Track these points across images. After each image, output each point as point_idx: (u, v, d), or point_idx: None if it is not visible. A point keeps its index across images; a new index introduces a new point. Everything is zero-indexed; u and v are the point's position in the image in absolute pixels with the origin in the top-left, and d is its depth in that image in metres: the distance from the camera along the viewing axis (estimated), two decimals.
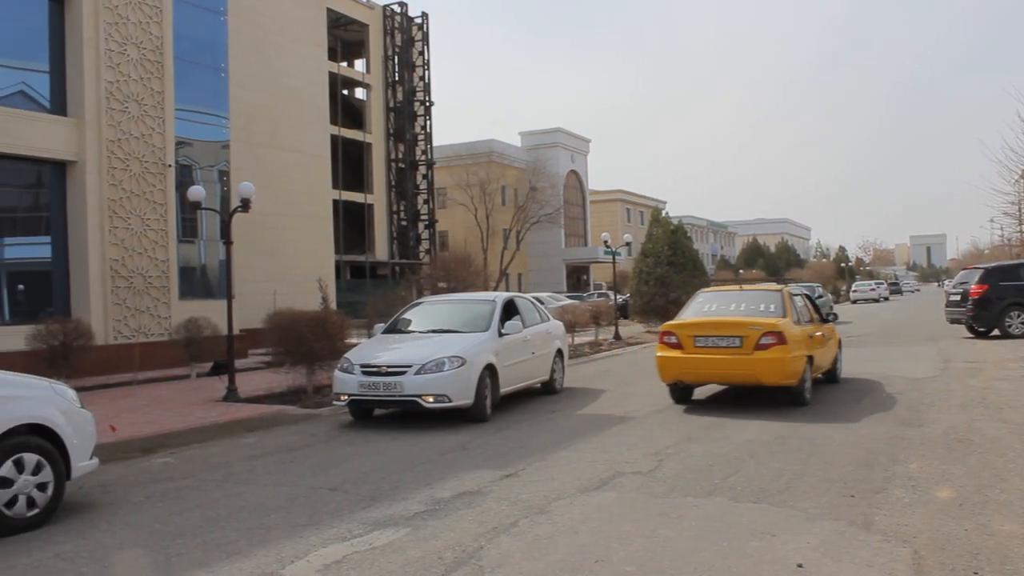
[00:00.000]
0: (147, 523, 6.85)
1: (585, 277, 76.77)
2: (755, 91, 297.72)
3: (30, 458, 6.75)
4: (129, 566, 5.73)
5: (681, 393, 12.74)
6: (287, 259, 29.36)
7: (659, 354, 12.39)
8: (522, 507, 6.84)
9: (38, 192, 19.69)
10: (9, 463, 6.60)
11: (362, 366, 11.61)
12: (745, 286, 14.50)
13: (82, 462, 7.27)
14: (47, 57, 19.40)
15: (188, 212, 21.51)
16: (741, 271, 76.49)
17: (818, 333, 13.11)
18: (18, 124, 18.26)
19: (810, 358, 12.23)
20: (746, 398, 12.89)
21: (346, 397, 11.70)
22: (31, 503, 6.74)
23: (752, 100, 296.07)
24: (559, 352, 14.90)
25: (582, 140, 77.70)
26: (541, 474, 8.07)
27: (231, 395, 14.69)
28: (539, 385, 14.35)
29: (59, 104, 19.45)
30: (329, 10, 38.12)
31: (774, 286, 14.43)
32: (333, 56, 44.69)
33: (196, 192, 15.74)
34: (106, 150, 19.60)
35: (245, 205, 15.12)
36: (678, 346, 12.14)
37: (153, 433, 11.40)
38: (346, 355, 12.36)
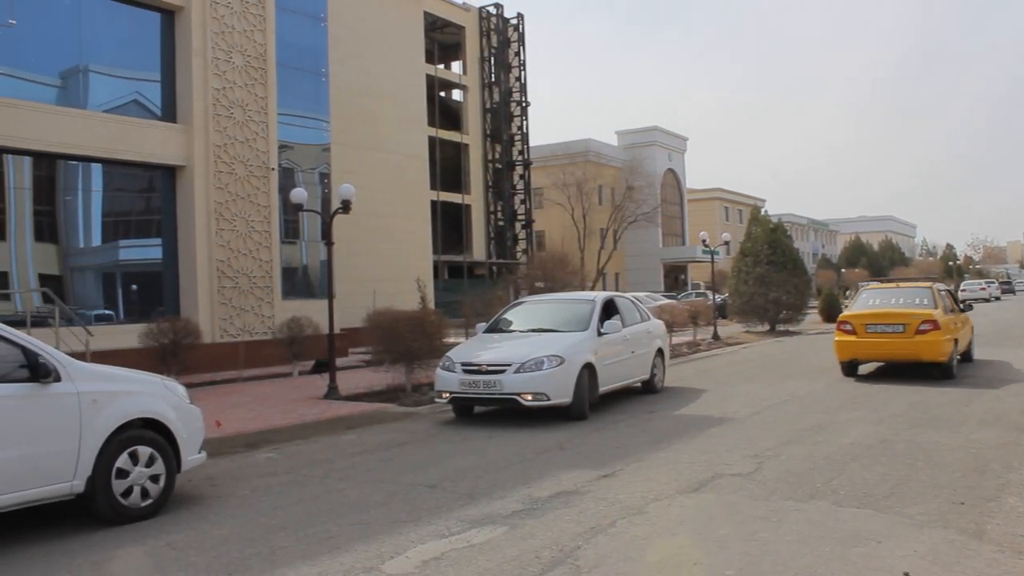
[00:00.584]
0: (252, 516, 7.04)
1: (683, 277, 75.96)
2: (855, 86, 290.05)
3: (144, 451, 7.02)
4: (235, 557, 5.89)
5: (850, 368, 15.70)
6: (386, 259, 29.77)
7: (837, 339, 15.55)
8: (620, 507, 6.80)
9: (150, 196, 20.49)
10: (125, 455, 6.88)
11: (463, 364, 11.84)
12: (901, 283, 18.23)
13: (191, 456, 7.52)
14: (159, 67, 20.21)
15: (290, 214, 22.03)
16: (843, 270, 74.61)
17: (959, 321, 16.30)
18: (132, 132, 19.06)
19: (955, 340, 15.26)
20: (849, 403, 12.59)
21: (447, 395, 11.95)
22: (145, 494, 7.01)
23: (853, 96, 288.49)
24: (660, 351, 14.86)
25: (679, 138, 76.88)
26: (639, 475, 8.01)
27: (332, 393, 15.00)
28: (639, 384, 14.34)
29: (169, 112, 20.20)
30: (426, 14, 38.55)
31: (925, 283, 17.18)
32: (430, 59, 45.19)
33: (298, 194, 16.12)
34: (213, 155, 20.24)
35: (346, 207, 15.42)
36: (852, 332, 15.29)
37: (257, 429, 11.72)
38: (448, 353, 12.59)
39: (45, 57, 18.49)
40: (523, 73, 52.18)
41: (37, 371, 6.44)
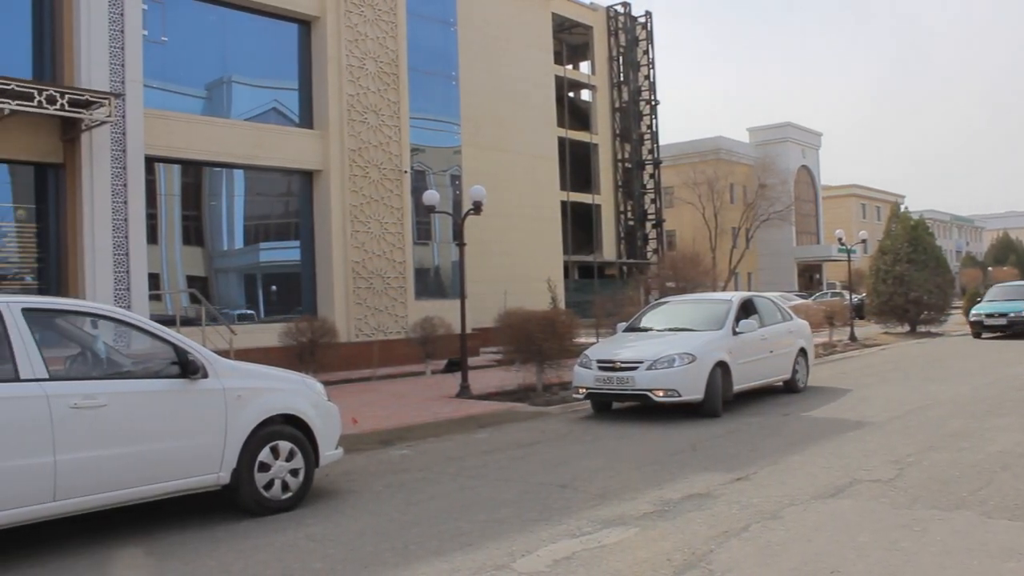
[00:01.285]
0: (386, 511, 7.20)
1: (817, 276, 73.81)
2: (1000, 75, 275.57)
3: (284, 446, 7.28)
4: (370, 551, 6.03)
5: None
6: (517, 260, 30.00)
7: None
8: (753, 511, 6.67)
9: (288, 200, 21.23)
10: (267, 449, 7.14)
11: (598, 361, 12.30)
12: None
13: (329, 451, 7.75)
14: (296, 76, 20.95)
15: (422, 215, 22.44)
16: (990, 268, 71.06)
17: None
18: (272, 138, 19.80)
19: None
20: (997, 408, 12.00)
21: (584, 390, 12.48)
22: (285, 487, 7.26)
23: (998, 85, 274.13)
24: (802, 351, 14.76)
25: (813, 134, 74.76)
26: (773, 478, 7.84)
27: (464, 392, 15.20)
28: (781, 384, 14.34)
29: (307, 118, 20.90)
30: (554, 15, 38.64)
31: None
32: (559, 59, 45.26)
33: (431, 196, 16.41)
34: (348, 159, 20.82)
35: (477, 208, 15.60)
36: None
37: (391, 426, 11.98)
38: (586, 351, 13.06)
39: (193, 71, 19.44)
40: (652, 71, 51.69)
41: (187, 368, 6.76)
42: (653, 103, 51.60)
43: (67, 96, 15.01)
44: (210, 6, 19.33)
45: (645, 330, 13.68)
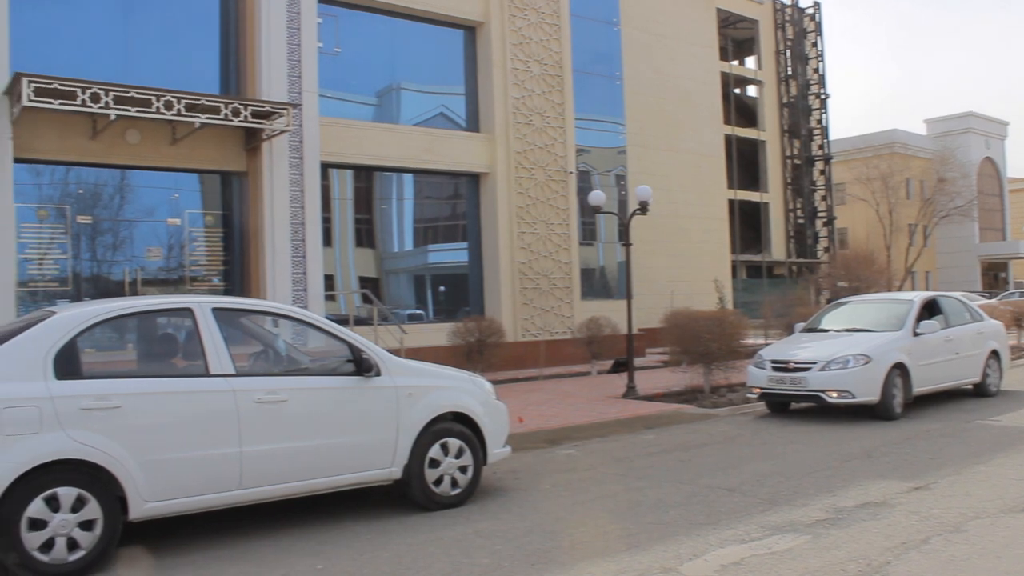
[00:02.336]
0: (553, 510, 7.26)
1: (1003, 275, 69.43)
2: None
3: (453, 443, 7.45)
4: (537, 548, 6.10)
5: None
6: (683, 260, 29.63)
7: None
8: (934, 523, 6.36)
9: (455, 203, 21.71)
10: (437, 446, 7.34)
11: (772, 362, 12.36)
12: None
13: (496, 449, 7.88)
14: (463, 81, 21.40)
15: (588, 216, 22.48)
16: None
17: None
18: (440, 143, 20.30)
19: None
20: None
21: (757, 390, 12.55)
22: (454, 483, 7.43)
23: None
24: (994, 353, 14.07)
25: (998, 123, 70.32)
26: (955, 489, 7.44)
27: (630, 392, 15.14)
28: (970, 387, 13.82)
29: (473, 122, 21.31)
30: (719, 10, 37.94)
31: None
32: (724, 55, 44.39)
33: (597, 197, 16.43)
34: (514, 161, 21.09)
35: (643, 208, 15.52)
36: None
37: (558, 426, 12.06)
38: (760, 351, 13.09)
39: (364, 79, 20.19)
40: (821, 64, 49.96)
41: (361, 366, 7.03)
42: (823, 97, 49.88)
43: (250, 108, 15.88)
44: (380, 16, 19.99)
45: (823, 331, 13.46)
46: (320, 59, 18.08)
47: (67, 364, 5.97)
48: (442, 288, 21.53)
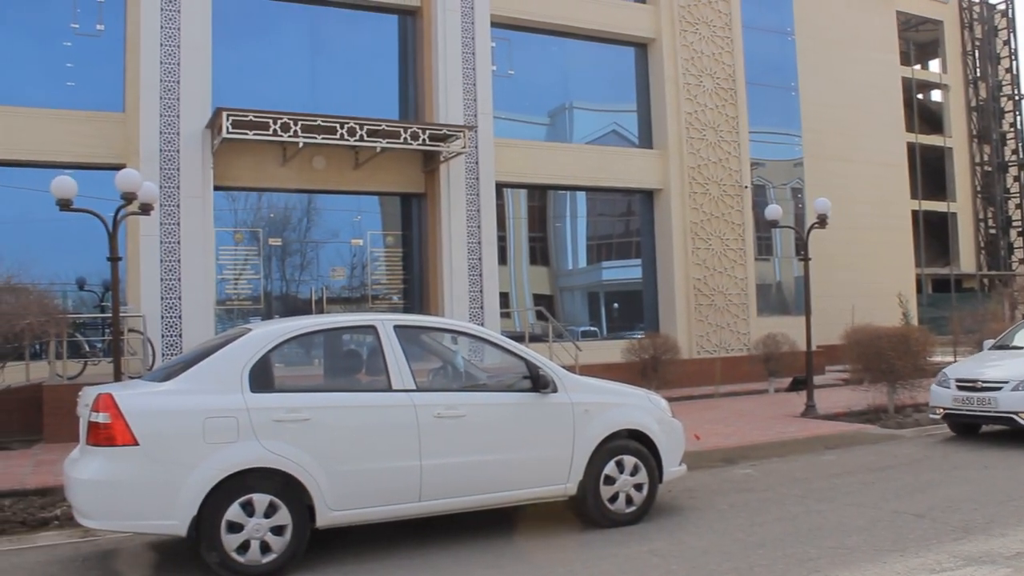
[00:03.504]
0: (730, 531, 7.14)
1: None
2: None
3: (629, 460, 7.45)
4: (713, 570, 6.02)
5: None
6: (863, 274, 28.50)
7: None
8: None
9: (629, 220, 21.72)
10: (612, 463, 7.35)
11: (957, 380, 11.69)
12: None
13: (672, 467, 7.82)
14: (634, 98, 21.43)
15: (763, 230, 22.03)
16: None
17: None
18: (612, 160, 20.40)
19: None
20: None
21: (941, 411, 11.93)
22: (629, 501, 7.42)
23: None
24: None
25: None
26: None
27: (809, 411, 14.69)
28: None
29: (645, 138, 21.29)
30: (899, 13, 36.44)
31: None
32: (905, 60, 42.47)
33: (773, 211, 16.06)
34: (687, 176, 20.92)
35: (822, 221, 15.07)
36: None
37: (734, 444, 11.85)
38: (944, 369, 12.38)
39: (536, 99, 20.54)
40: (1014, 63, 47.00)
41: (538, 382, 7.15)
42: (1016, 98, 46.88)
43: (428, 132, 16.47)
44: (552, 37, 20.32)
45: (1016, 348, 12.62)
46: (494, 81, 18.56)
47: (261, 378, 6.38)
48: (616, 305, 21.55)
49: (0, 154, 15.15)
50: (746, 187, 21.77)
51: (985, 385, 11.28)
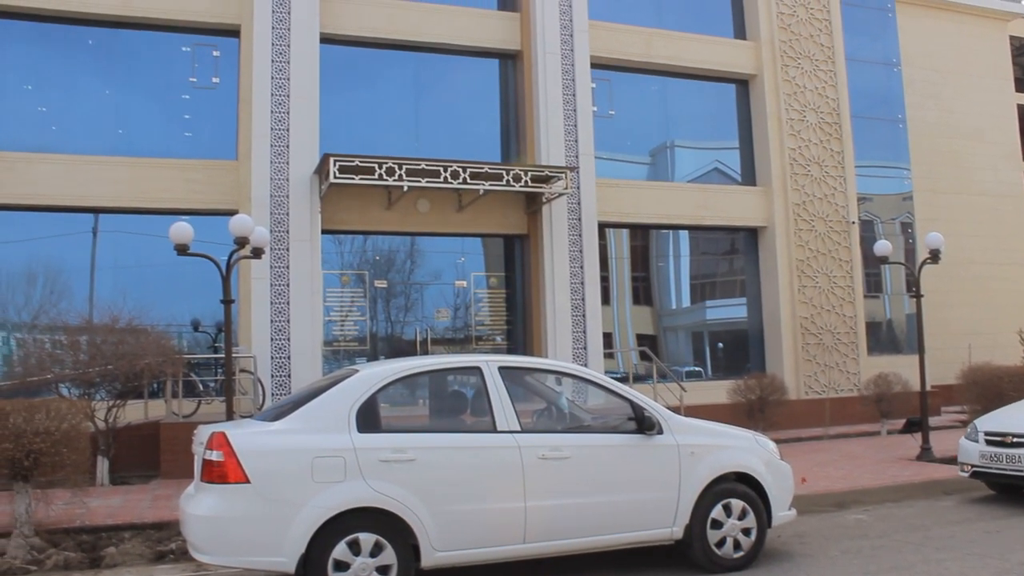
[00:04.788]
0: None
1: None
2: None
3: (736, 503, 7.31)
4: None
5: None
6: (980, 310, 27.47)
7: None
8: None
9: (732, 258, 21.45)
10: (719, 506, 7.24)
11: (986, 434, 10.38)
12: None
13: (781, 512, 7.65)
14: (736, 135, 21.25)
15: (872, 267, 21.49)
16: None
17: None
18: (714, 198, 20.24)
19: None
20: None
21: (969, 468, 10.53)
22: (736, 545, 7.29)
23: None
24: None
25: None
26: None
27: (925, 454, 14.16)
28: None
29: (748, 175, 21.06)
30: (1012, 38, 35.30)
31: None
32: (1020, 86, 41.10)
33: (883, 247, 15.65)
34: (792, 213, 20.58)
35: (934, 256, 14.62)
36: None
37: (846, 488, 11.48)
38: (975, 420, 11.11)
39: (637, 139, 20.54)
40: None
41: (643, 423, 7.11)
42: None
43: (530, 173, 16.62)
44: (652, 77, 20.35)
45: None
46: (595, 122, 18.68)
47: (368, 418, 6.51)
48: (720, 345, 21.23)
49: (124, 202, 15.94)
50: (853, 223, 21.29)
51: (1017, 440, 9.97)
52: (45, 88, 16.42)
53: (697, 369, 20.53)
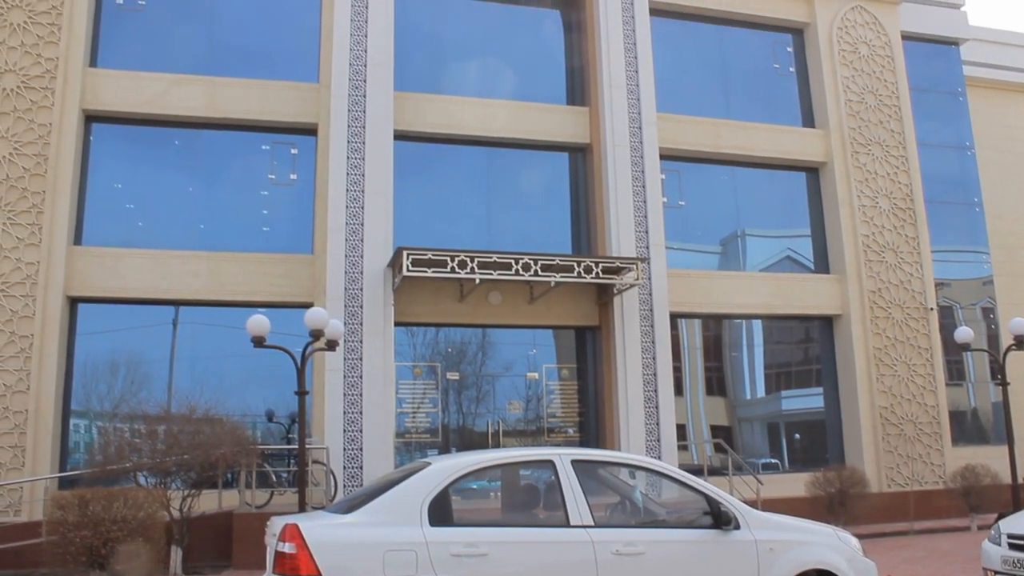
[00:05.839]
0: None
1: None
2: None
3: None
4: None
5: None
6: None
7: None
8: None
9: (807, 346, 21.08)
10: None
11: (1009, 536, 9.44)
12: None
13: None
14: (807, 222, 21.11)
15: (953, 354, 20.93)
16: None
17: None
18: (788, 286, 20.08)
19: None
20: None
21: (991, 574, 9.62)
22: None
23: None
24: None
25: None
26: None
27: None
28: None
29: (821, 263, 20.83)
30: None
31: None
32: None
33: (964, 334, 15.31)
34: (868, 301, 20.23)
35: (1019, 342, 14.26)
36: None
37: None
38: (1000, 521, 10.19)
39: (707, 228, 20.53)
40: None
41: (720, 518, 6.94)
42: None
43: (601, 265, 16.68)
44: (721, 167, 20.44)
45: None
46: (665, 212, 18.78)
47: (439, 511, 6.46)
48: (797, 436, 20.73)
49: (203, 294, 16.44)
50: (931, 309, 20.83)
51: None
52: (133, 186, 17.16)
53: (774, 461, 20.05)
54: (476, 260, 15.71)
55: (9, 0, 16.28)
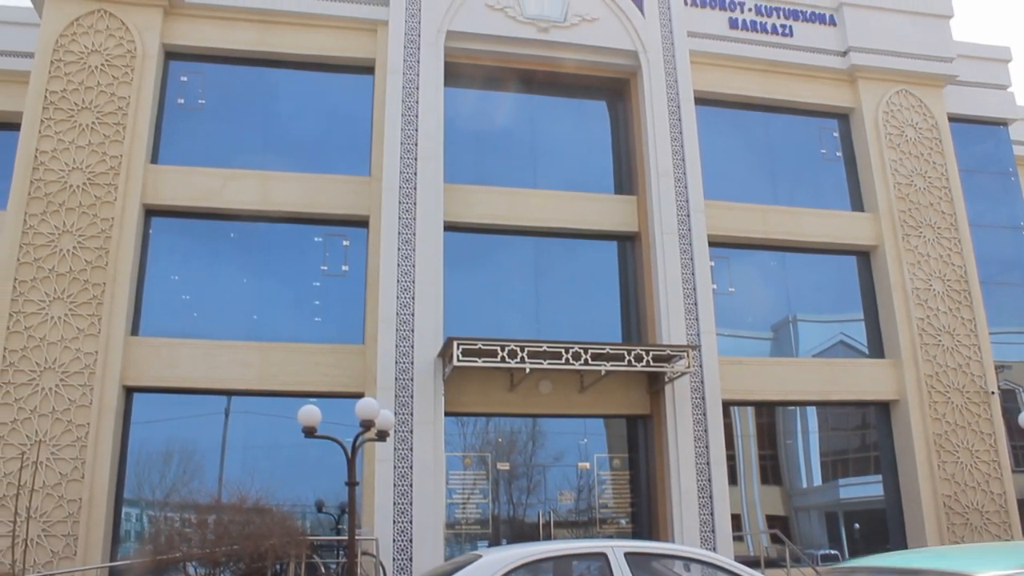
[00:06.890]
0: None
1: None
2: None
3: None
4: None
5: None
6: None
7: None
8: None
9: (864, 433, 20.62)
10: None
11: None
12: None
13: None
14: (860, 306, 20.84)
15: (1017, 438, 20.36)
16: None
17: None
18: (841, 372, 19.71)
19: None
20: None
21: None
22: None
23: None
24: None
25: None
26: None
27: None
28: None
29: (875, 348, 20.49)
30: None
31: None
32: None
33: None
34: (925, 385, 19.79)
35: None
36: None
37: None
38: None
39: (758, 314, 20.35)
40: None
41: None
42: None
43: (651, 353, 16.57)
44: (770, 252, 20.37)
45: None
46: (715, 299, 18.69)
47: None
48: (856, 525, 20.15)
49: (255, 385, 16.58)
50: (992, 393, 20.31)
51: None
52: (189, 277, 17.55)
53: (833, 552, 19.44)
54: (526, 349, 15.71)
55: (79, 103, 16.96)
